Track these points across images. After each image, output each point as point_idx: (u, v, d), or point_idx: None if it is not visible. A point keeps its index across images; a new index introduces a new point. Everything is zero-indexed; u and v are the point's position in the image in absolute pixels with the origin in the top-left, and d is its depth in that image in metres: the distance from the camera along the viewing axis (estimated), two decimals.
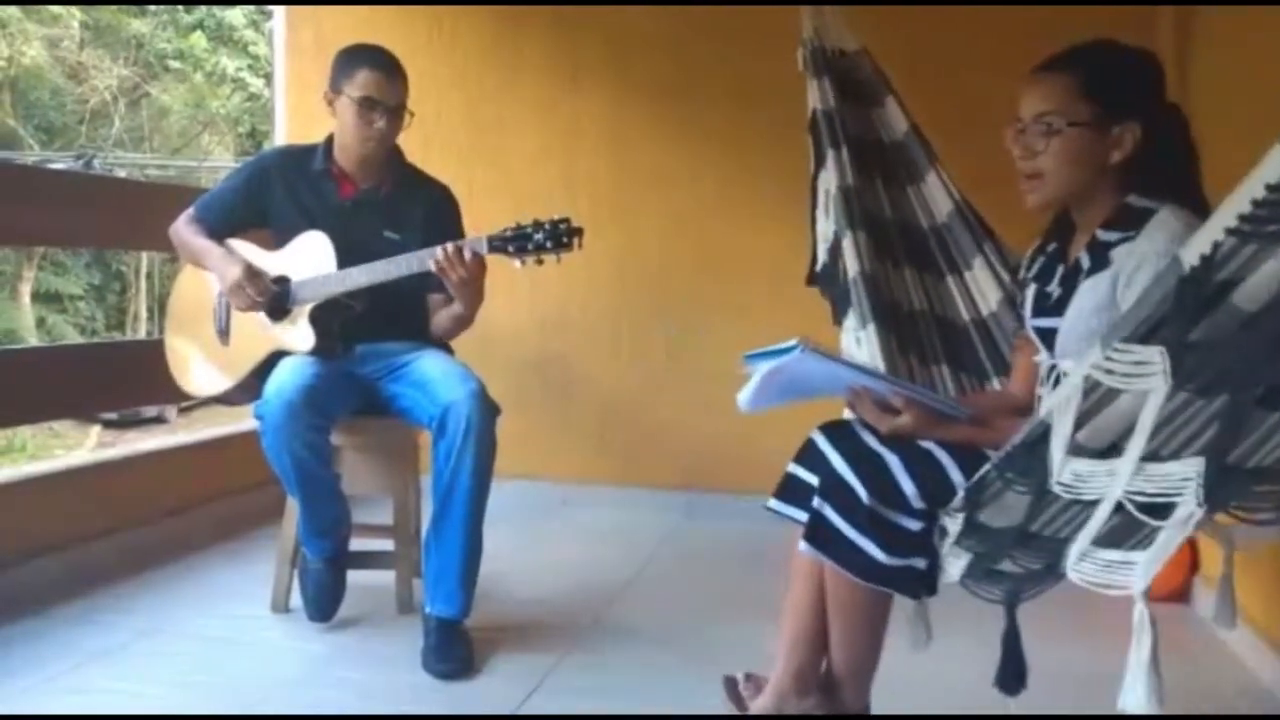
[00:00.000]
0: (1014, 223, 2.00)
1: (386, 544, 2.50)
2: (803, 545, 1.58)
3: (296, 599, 2.44)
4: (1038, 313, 1.61)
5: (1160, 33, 3.06)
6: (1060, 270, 1.58)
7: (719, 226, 3.63)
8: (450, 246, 2.15)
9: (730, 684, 1.83)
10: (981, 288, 2.21)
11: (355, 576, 2.45)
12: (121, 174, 13.86)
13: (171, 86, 15.48)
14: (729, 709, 1.79)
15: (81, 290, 14.77)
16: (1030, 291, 1.65)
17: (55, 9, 14.07)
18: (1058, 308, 1.55)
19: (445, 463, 2.17)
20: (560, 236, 2.12)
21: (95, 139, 14.78)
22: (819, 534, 1.56)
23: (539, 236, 2.12)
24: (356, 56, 2.35)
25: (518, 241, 2.14)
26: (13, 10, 13.40)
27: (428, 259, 2.17)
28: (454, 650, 2.16)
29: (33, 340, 12.90)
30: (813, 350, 1.46)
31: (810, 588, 1.70)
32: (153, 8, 14.42)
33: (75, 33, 14.63)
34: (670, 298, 3.69)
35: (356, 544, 2.47)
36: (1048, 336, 1.57)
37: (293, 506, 2.36)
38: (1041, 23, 3.12)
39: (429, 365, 2.30)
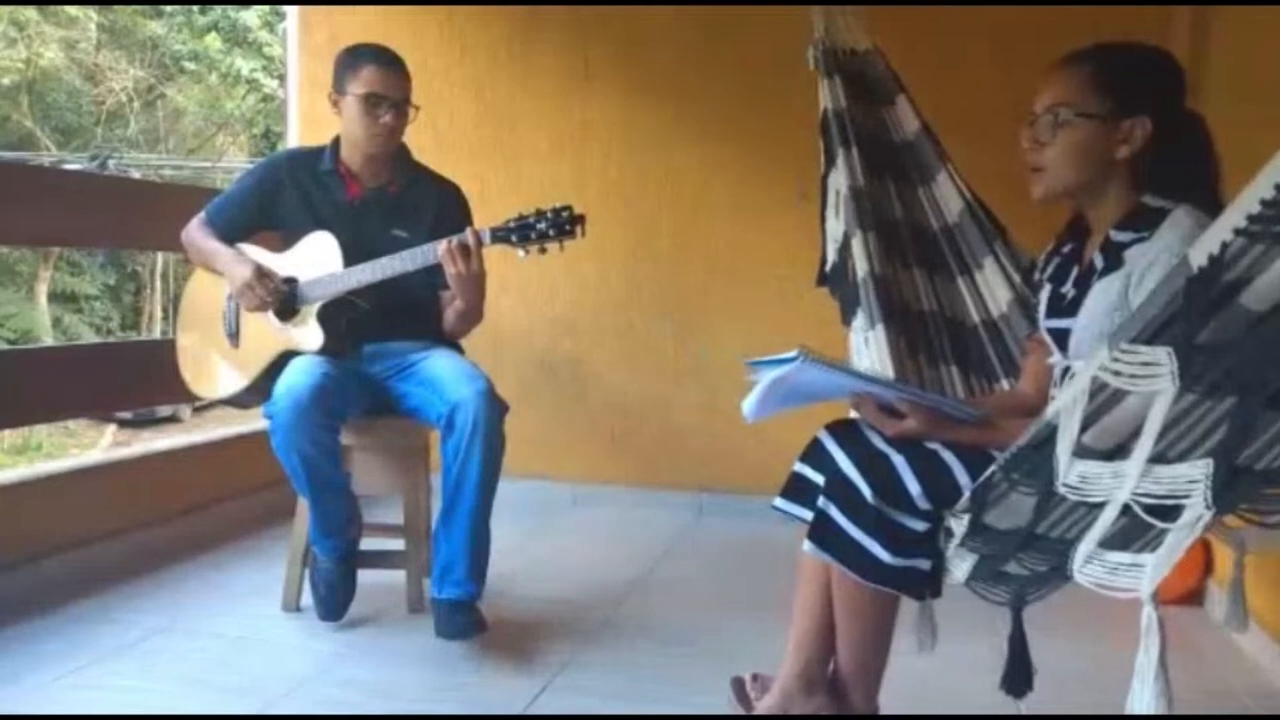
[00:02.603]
0: (1027, 221, 2.00)
1: (397, 543, 2.51)
2: (807, 545, 1.57)
3: (307, 598, 2.44)
4: (1052, 314, 1.60)
5: (1176, 32, 3.04)
6: (1075, 271, 1.58)
7: (731, 226, 3.62)
8: (454, 240, 2.16)
9: (738, 684, 1.83)
10: (992, 288, 2.20)
11: (366, 575, 2.46)
12: (136, 174, 13.95)
13: (186, 87, 15.57)
14: (736, 709, 1.79)
15: (97, 290, 14.88)
16: (1045, 293, 1.64)
17: (72, 11, 14.17)
18: (1072, 309, 1.54)
19: (453, 460, 2.18)
20: (563, 224, 2.13)
21: (111, 140, 14.88)
22: (824, 533, 1.55)
23: (541, 225, 2.13)
24: (358, 55, 2.36)
25: (520, 231, 2.15)
26: (30, 12, 13.51)
27: (430, 253, 2.18)
28: (465, 617, 2.17)
29: (49, 340, 13.00)
30: (814, 360, 1.45)
31: (817, 588, 1.69)
32: (168, 9, 14.51)
33: (92, 34, 14.74)
34: (681, 297, 3.69)
35: (367, 543, 2.47)
36: (1061, 338, 1.56)
37: (303, 506, 2.36)
38: (1057, 22, 3.11)
39: (437, 364, 2.31)
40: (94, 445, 12.25)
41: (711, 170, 3.64)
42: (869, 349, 2.14)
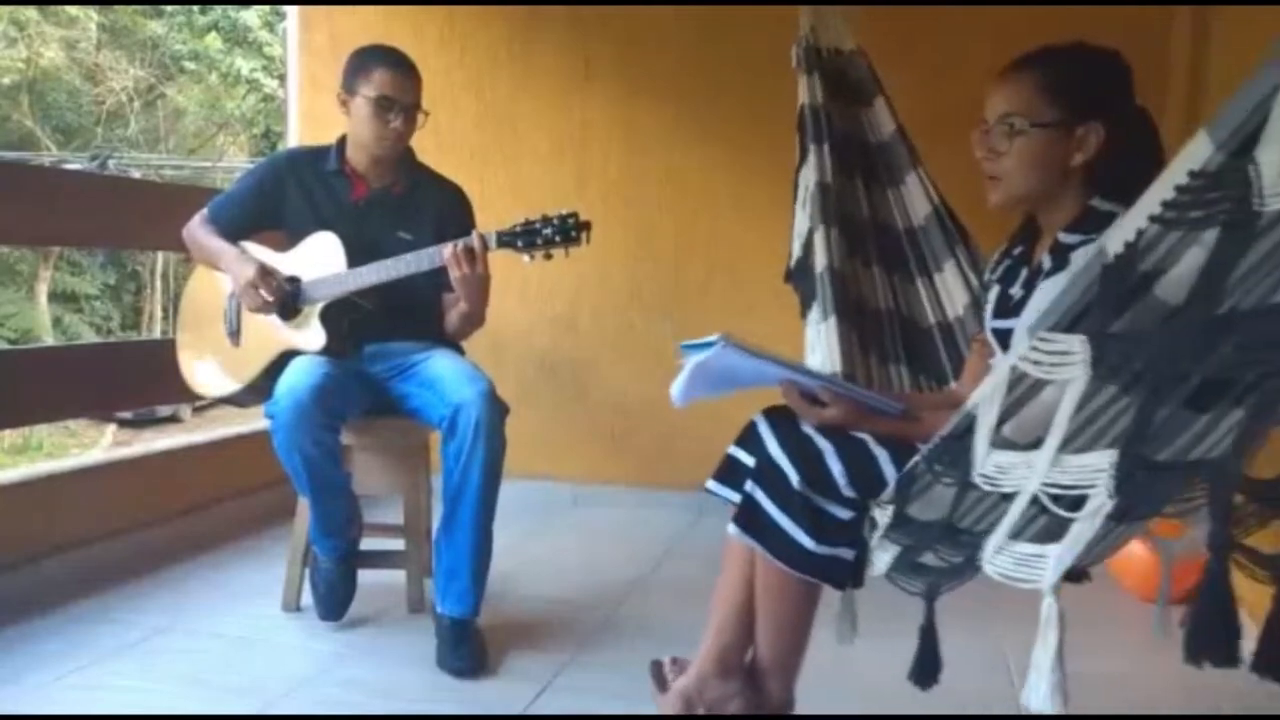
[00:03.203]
0: (997, 227, 2.00)
1: (397, 543, 2.51)
2: (732, 528, 1.57)
3: (307, 598, 2.45)
4: (998, 314, 1.61)
5: (1177, 33, 3.04)
6: (1024, 273, 1.58)
7: (731, 226, 3.62)
8: (460, 244, 2.16)
9: (656, 667, 1.81)
10: (950, 291, 2.22)
11: (366, 575, 2.46)
12: (136, 174, 13.95)
13: (187, 87, 15.58)
14: (654, 692, 1.77)
15: (97, 290, 14.88)
16: (993, 294, 1.64)
17: (72, 10, 14.17)
18: (1018, 310, 1.54)
19: (455, 463, 2.18)
20: (568, 231, 2.13)
21: (111, 140, 14.89)
22: (749, 518, 1.55)
23: (547, 231, 2.13)
24: (372, 56, 2.36)
25: (526, 237, 2.15)
26: (31, 12, 13.51)
27: (435, 256, 2.18)
28: (468, 647, 2.17)
29: (49, 339, 13.00)
30: (735, 345, 1.45)
31: (740, 572, 1.69)
32: (169, 9, 14.51)
33: (92, 34, 14.74)
34: (682, 297, 3.69)
35: (367, 543, 2.47)
36: (1005, 338, 1.56)
37: (304, 506, 2.36)
38: (1059, 22, 3.11)
39: (439, 365, 2.31)
40: (94, 445, 12.25)
41: (712, 170, 3.64)
42: (820, 341, 2.16)
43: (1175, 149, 1.52)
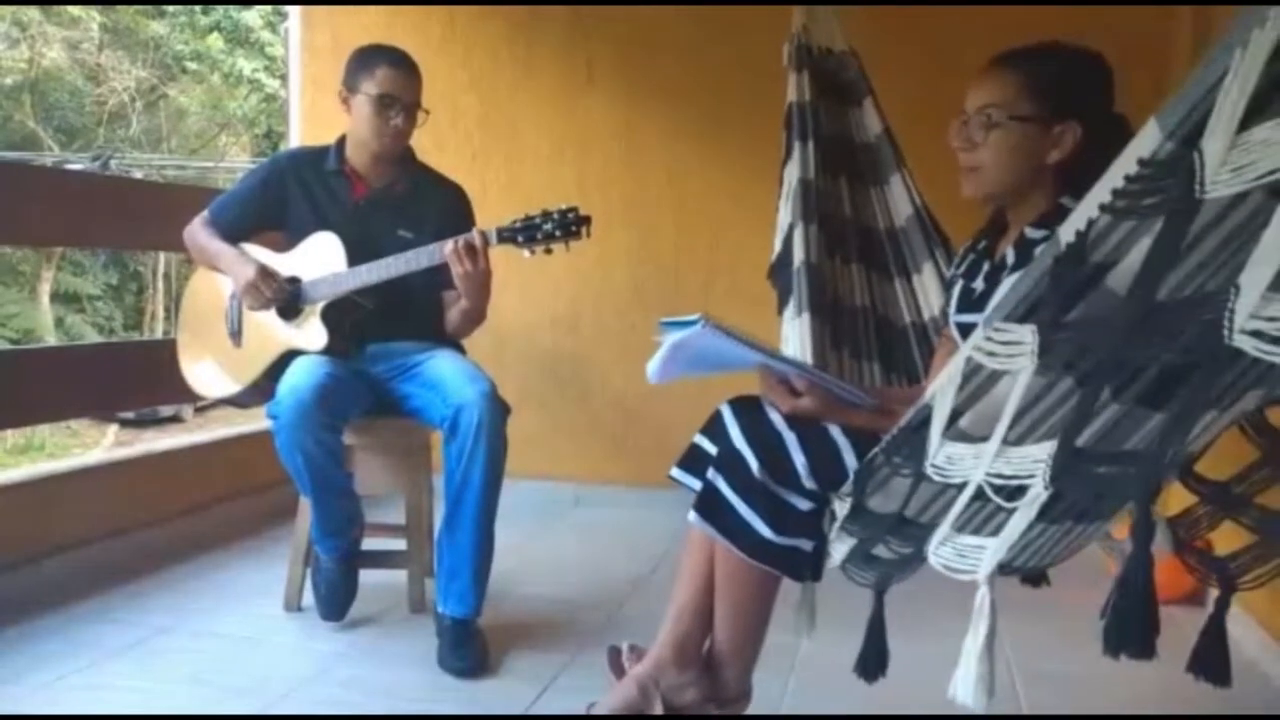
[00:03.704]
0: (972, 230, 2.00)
1: (399, 543, 2.51)
2: (693, 516, 1.57)
3: (309, 598, 2.45)
4: (961, 309, 1.62)
5: (1178, 33, 3.04)
6: (986, 267, 1.59)
7: (733, 226, 3.62)
8: (461, 240, 2.16)
9: (613, 654, 1.80)
10: (927, 292, 2.25)
11: (367, 575, 2.46)
12: (138, 175, 13.96)
13: (189, 88, 15.57)
14: (609, 679, 1.76)
15: (99, 290, 14.87)
16: (957, 288, 1.65)
17: (75, 11, 14.18)
18: (980, 304, 1.55)
19: (457, 463, 2.18)
20: (569, 225, 2.14)
21: (113, 140, 14.88)
22: (710, 506, 1.55)
23: (547, 226, 2.14)
24: (374, 55, 2.37)
25: (526, 232, 2.16)
26: (33, 12, 13.52)
27: (436, 254, 2.19)
28: (469, 648, 2.17)
29: (51, 340, 12.99)
30: (715, 326, 1.45)
31: (700, 561, 1.68)
32: (170, 9, 14.52)
33: (94, 35, 14.74)
34: (683, 297, 3.69)
35: (369, 543, 2.48)
36: (968, 332, 1.57)
37: (306, 506, 2.37)
38: (1058, 22, 3.11)
39: (440, 365, 2.31)
40: (96, 445, 12.25)
41: (713, 171, 3.64)
42: (794, 336, 2.17)
43: None
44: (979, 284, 1.58)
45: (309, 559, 2.45)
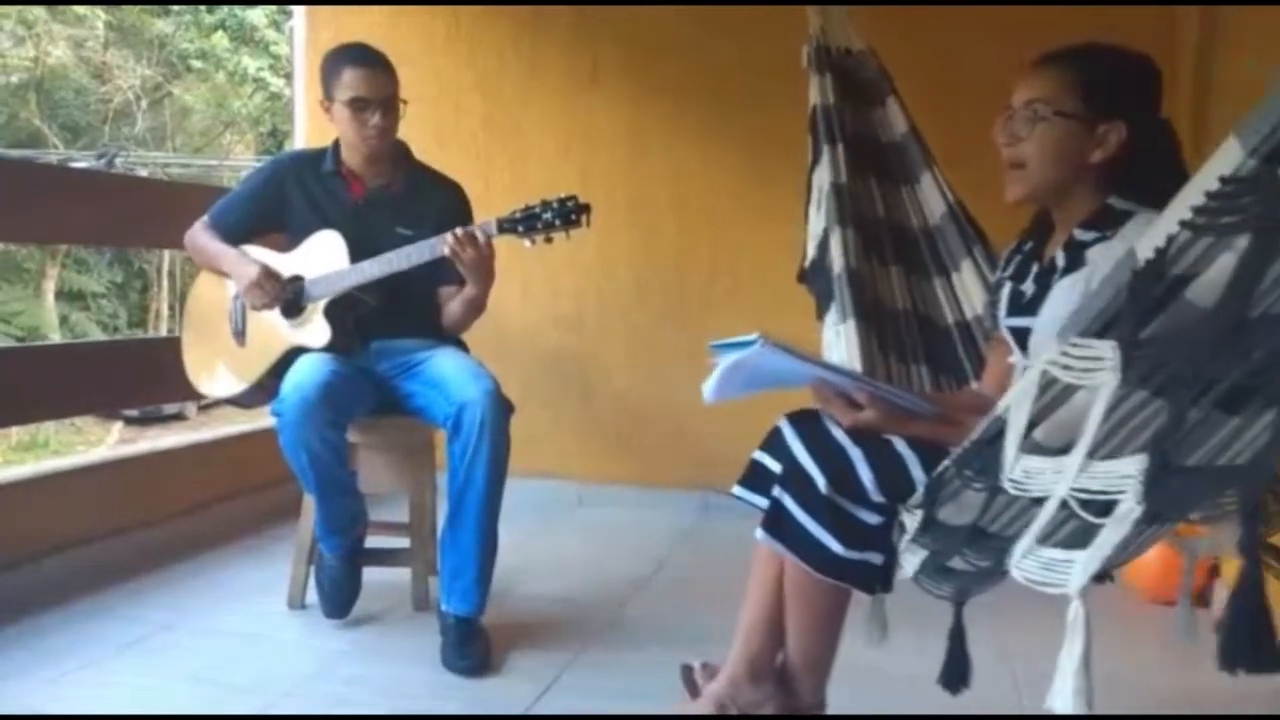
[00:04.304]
0: (1008, 227, 2.00)
1: (402, 541, 2.51)
2: (760, 534, 1.58)
3: (313, 595, 2.45)
4: (1012, 312, 1.61)
5: (1183, 33, 3.03)
6: (1035, 269, 1.58)
7: (736, 226, 3.62)
8: (460, 230, 2.17)
9: (686, 672, 1.81)
10: (968, 291, 2.21)
11: (371, 573, 2.46)
12: (143, 173, 13.98)
13: (194, 86, 15.61)
14: (683, 696, 1.77)
15: (104, 288, 14.91)
16: (1005, 290, 1.64)
17: (80, 9, 14.21)
18: (1031, 307, 1.54)
19: (460, 461, 2.18)
20: (568, 214, 2.15)
21: (118, 138, 14.91)
22: (777, 523, 1.55)
23: (547, 215, 2.15)
24: (338, 59, 2.36)
25: (527, 221, 2.17)
26: (39, 11, 13.55)
27: (439, 246, 2.19)
28: (472, 647, 2.17)
29: (56, 337, 13.03)
30: (774, 345, 1.44)
31: (769, 577, 1.69)
32: (175, 8, 14.54)
33: (100, 33, 14.77)
34: (687, 297, 3.69)
35: (372, 541, 2.48)
36: (1021, 336, 1.57)
37: (309, 504, 2.37)
38: (1061, 23, 3.11)
39: (443, 363, 2.31)
40: (101, 442, 12.28)
41: (717, 172, 3.63)
42: (839, 343, 2.15)
43: (1182, 150, 1.53)
44: (1029, 287, 1.57)
45: (313, 557, 2.45)
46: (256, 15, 14.40)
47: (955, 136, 2.50)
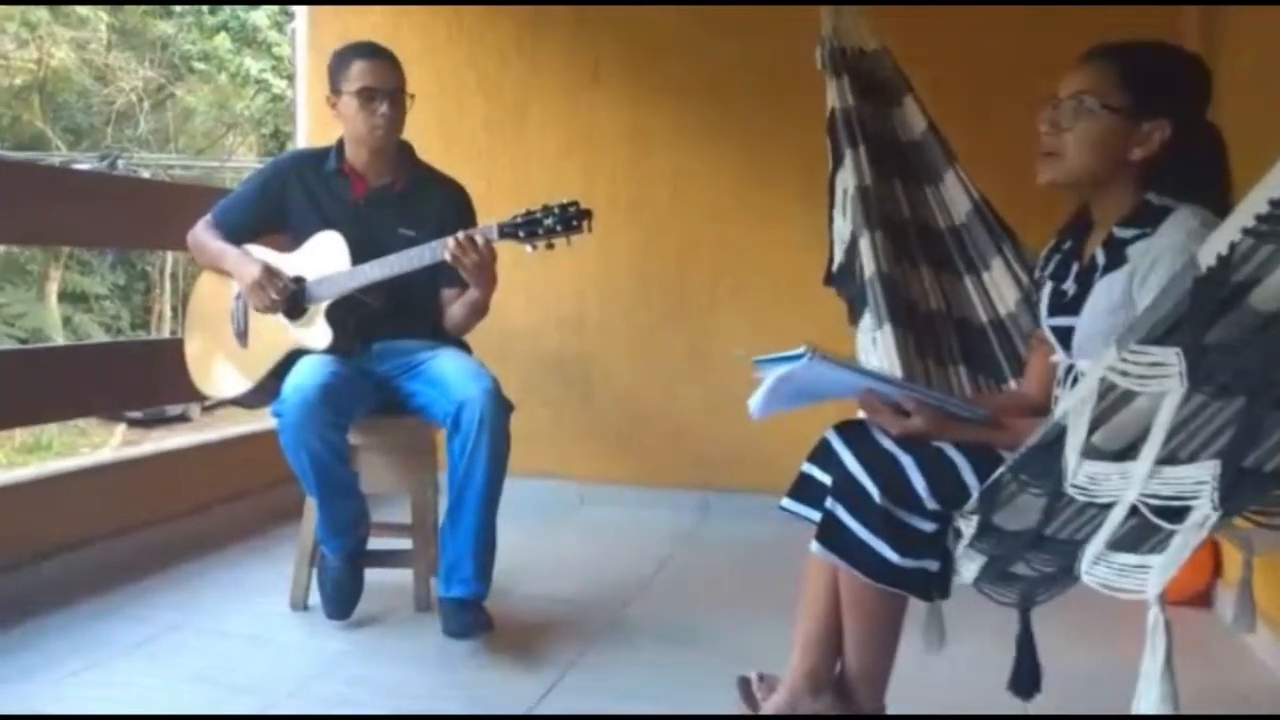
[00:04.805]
0: (1035, 224, 1.99)
1: (404, 542, 2.52)
2: (815, 546, 1.57)
3: (315, 596, 2.45)
4: (1053, 311, 1.60)
5: (1185, 33, 3.03)
6: (1075, 267, 1.57)
7: (738, 227, 3.62)
8: (462, 235, 2.18)
9: (744, 684, 1.83)
10: (1000, 288, 2.19)
11: (373, 574, 2.47)
12: (146, 174, 14.00)
13: (196, 87, 15.63)
14: (743, 710, 1.79)
15: (107, 290, 14.93)
16: (1046, 290, 1.64)
17: (83, 11, 14.23)
18: (1073, 306, 1.54)
19: (459, 458, 2.19)
20: (570, 219, 2.15)
21: (121, 140, 14.94)
22: (831, 534, 1.55)
23: (549, 221, 2.15)
24: (348, 53, 2.39)
25: (528, 227, 2.17)
26: (42, 13, 13.57)
27: (440, 250, 2.19)
28: (472, 615, 2.18)
29: (59, 339, 13.04)
30: (821, 357, 1.45)
31: (824, 588, 1.69)
32: (178, 9, 14.56)
33: (102, 35, 14.79)
34: (689, 297, 3.69)
35: (374, 542, 2.48)
36: (1064, 335, 1.56)
37: (311, 505, 2.37)
38: (1064, 22, 3.11)
39: (444, 363, 2.32)
40: (105, 444, 12.30)
41: (719, 172, 3.63)
42: (876, 349, 2.14)
43: (1227, 154, 1.52)
44: (1070, 286, 1.57)
45: (315, 558, 2.46)
46: (259, 16, 14.42)
47: (975, 136, 2.50)
